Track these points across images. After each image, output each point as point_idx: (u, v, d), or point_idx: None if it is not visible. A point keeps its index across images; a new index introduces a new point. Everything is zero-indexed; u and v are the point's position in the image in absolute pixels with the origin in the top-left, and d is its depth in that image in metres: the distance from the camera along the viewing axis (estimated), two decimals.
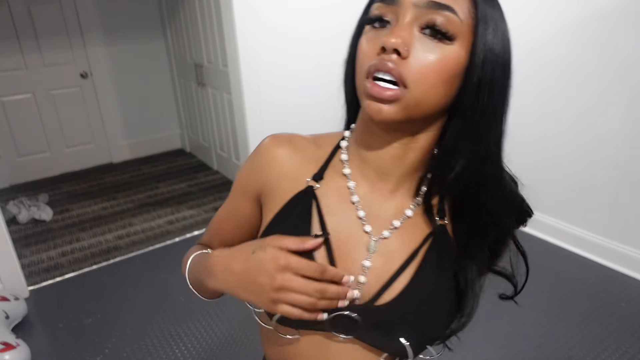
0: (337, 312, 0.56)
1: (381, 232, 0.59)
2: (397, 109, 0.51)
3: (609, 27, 2.19)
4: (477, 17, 0.51)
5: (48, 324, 2.23)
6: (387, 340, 0.58)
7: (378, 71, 0.50)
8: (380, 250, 0.59)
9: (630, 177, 2.28)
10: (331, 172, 0.62)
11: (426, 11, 0.50)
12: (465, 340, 2.14)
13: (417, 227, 0.60)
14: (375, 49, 0.51)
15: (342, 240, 0.59)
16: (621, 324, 2.05)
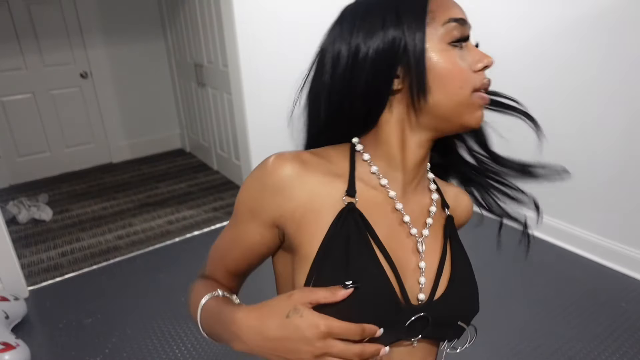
0: (413, 318, 0.58)
1: (421, 231, 0.63)
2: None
3: (609, 26, 2.19)
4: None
5: (48, 324, 2.23)
6: (449, 328, 0.62)
7: (488, 86, 0.59)
8: (426, 249, 0.63)
9: (630, 177, 2.28)
10: (361, 184, 0.61)
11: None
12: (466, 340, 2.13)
13: (436, 221, 0.65)
14: (468, 70, 0.57)
15: (395, 248, 0.60)
16: (621, 324, 2.05)
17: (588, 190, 2.47)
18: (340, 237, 0.56)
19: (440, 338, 0.64)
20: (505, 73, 2.70)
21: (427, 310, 0.59)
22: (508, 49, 2.65)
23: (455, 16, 0.56)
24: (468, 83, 0.56)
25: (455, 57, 0.56)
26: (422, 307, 0.59)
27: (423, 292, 0.60)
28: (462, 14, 0.58)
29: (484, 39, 2.97)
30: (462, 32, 0.57)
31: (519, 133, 2.83)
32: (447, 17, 0.56)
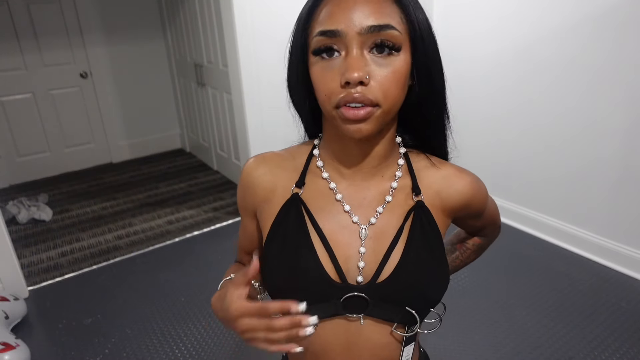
0: (347, 295, 0.63)
1: (368, 219, 0.66)
2: (373, 124, 0.58)
3: (609, 26, 2.19)
4: (409, 22, 0.58)
5: (48, 324, 2.22)
6: (396, 311, 0.65)
7: (348, 103, 0.56)
8: (370, 235, 0.65)
9: (630, 177, 2.28)
10: (311, 177, 0.69)
11: (370, 35, 0.55)
12: (466, 340, 2.15)
13: (397, 208, 0.67)
14: (336, 82, 0.56)
15: (335, 233, 0.66)
16: (621, 324, 2.05)
17: (588, 191, 2.47)
18: (283, 223, 0.67)
19: (387, 319, 0.66)
20: (505, 73, 2.71)
21: (365, 291, 0.63)
22: (510, 50, 2.65)
23: (325, 28, 0.56)
24: (331, 98, 0.57)
25: (320, 69, 0.58)
26: (359, 288, 0.63)
27: (362, 275, 0.64)
28: (336, 24, 0.56)
29: (486, 39, 2.97)
30: (327, 42, 0.57)
31: (520, 133, 2.81)
32: (317, 30, 0.57)
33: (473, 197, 0.71)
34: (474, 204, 0.72)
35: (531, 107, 2.62)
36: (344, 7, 0.56)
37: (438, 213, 0.68)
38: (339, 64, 0.57)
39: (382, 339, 0.67)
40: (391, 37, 0.56)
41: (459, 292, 2.30)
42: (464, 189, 0.69)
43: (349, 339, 0.66)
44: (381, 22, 0.55)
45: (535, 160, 2.68)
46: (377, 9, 0.56)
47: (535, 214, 2.76)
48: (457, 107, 2.87)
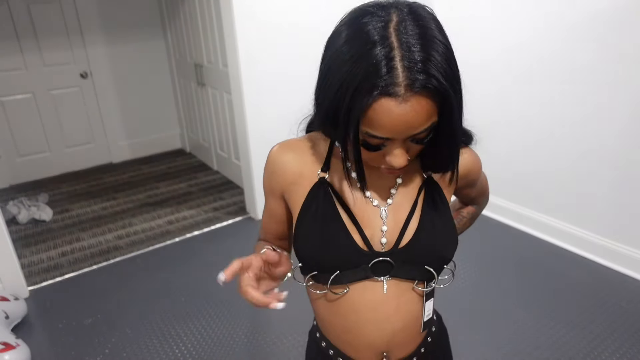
0: (375, 260, 0.73)
1: (386, 201, 0.76)
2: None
3: (609, 26, 2.19)
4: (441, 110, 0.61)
5: (48, 324, 2.23)
6: (416, 270, 0.75)
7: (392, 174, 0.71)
8: (389, 213, 0.75)
9: (631, 177, 2.28)
10: (335, 162, 0.77)
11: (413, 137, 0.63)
12: (466, 340, 2.14)
13: (409, 183, 0.77)
14: (378, 157, 0.66)
15: (360, 212, 0.75)
16: (621, 324, 2.05)
17: (589, 191, 2.47)
18: (314, 203, 0.75)
19: (410, 278, 0.76)
20: (505, 73, 2.71)
21: (389, 256, 0.73)
22: (510, 49, 2.65)
23: (375, 134, 0.61)
24: (373, 162, 0.68)
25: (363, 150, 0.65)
26: (384, 254, 0.74)
27: (386, 246, 0.74)
28: (388, 133, 0.60)
29: (487, 40, 2.97)
30: (376, 142, 0.64)
31: (521, 134, 2.81)
32: (367, 129, 0.61)
33: (472, 168, 0.82)
34: (472, 174, 0.83)
35: (531, 108, 2.62)
36: (395, 121, 0.59)
37: (443, 184, 0.78)
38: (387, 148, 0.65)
39: (405, 295, 0.77)
40: (426, 133, 0.63)
41: (459, 292, 2.30)
42: (465, 162, 0.79)
43: (376, 298, 0.75)
44: (427, 124, 0.61)
45: (535, 160, 2.68)
46: (423, 117, 0.60)
47: (535, 214, 2.76)
48: None
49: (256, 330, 2.12)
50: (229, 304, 2.29)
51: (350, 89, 0.59)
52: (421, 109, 0.59)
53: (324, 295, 0.78)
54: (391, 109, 0.58)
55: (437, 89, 0.58)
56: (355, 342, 0.78)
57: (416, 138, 0.63)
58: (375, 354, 0.78)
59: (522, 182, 2.80)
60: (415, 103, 0.58)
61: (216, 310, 2.26)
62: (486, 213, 3.03)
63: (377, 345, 0.77)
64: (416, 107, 0.58)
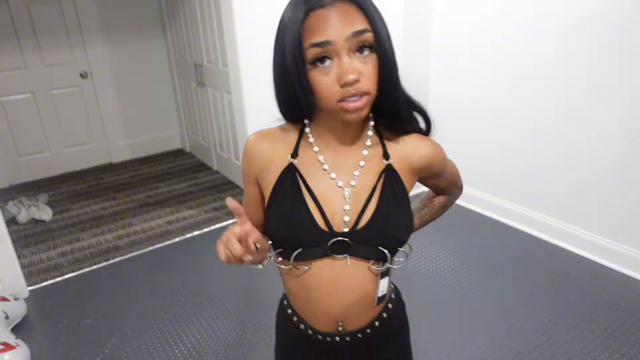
0: (333, 240, 0.80)
1: (349, 182, 0.82)
2: (366, 110, 0.73)
3: (608, 26, 2.19)
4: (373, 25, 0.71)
5: (48, 324, 2.22)
6: (371, 250, 0.82)
7: (350, 97, 0.71)
8: (352, 194, 0.82)
9: (630, 177, 2.28)
10: (303, 149, 0.84)
11: (354, 39, 0.69)
12: (466, 340, 2.14)
13: (371, 171, 0.83)
14: (334, 84, 0.70)
15: (324, 194, 0.81)
16: (621, 324, 2.05)
17: (588, 191, 2.47)
18: (282, 186, 0.82)
19: (365, 258, 0.83)
20: (504, 72, 2.71)
21: (347, 236, 0.80)
22: (510, 49, 2.65)
23: (315, 41, 0.69)
24: (330, 97, 0.72)
25: (317, 74, 0.71)
26: (343, 234, 0.80)
27: (347, 226, 0.81)
28: (325, 35, 0.68)
29: (488, 39, 2.96)
30: (321, 53, 0.69)
31: (521, 133, 2.80)
32: (308, 43, 0.69)
33: (433, 158, 0.87)
34: (435, 165, 0.88)
35: (531, 108, 2.62)
36: (328, 20, 0.68)
37: (405, 173, 0.85)
38: (334, 69, 0.70)
39: (362, 273, 0.84)
40: (368, 38, 0.70)
41: (459, 292, 2.30)
42: (425, 152, 0.85)
43: (335, 275, 0.83)
44: (360, 27, 0.69)
45: (535, 160, 2.68)
46: (353, 17, 0.69)
47: (535, 214, 2.76)
48: (457, 107, 2.87)
49: (256, 330, 2.12)
50: (228, 304, 2.29)
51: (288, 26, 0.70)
52: (349, 8, 0.69)
53: (289, 270, 0.86)
54: (322, 14, 0.68)
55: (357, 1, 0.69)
56: (315, 312, 0.87)
57: (359, 44, 0.69)
58: (332, 322, 0.87)
59: (522, 182, 2.80)
60: (340, 5, 0.69)
61: (216, 310, 2.26)
62: (486, 213, 3.03)
63: (334, 315, 0.86)
64: (344, 7, 0.69)
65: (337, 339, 0.88)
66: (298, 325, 0.91)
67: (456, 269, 2.49)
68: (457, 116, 3.06)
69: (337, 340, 0.88)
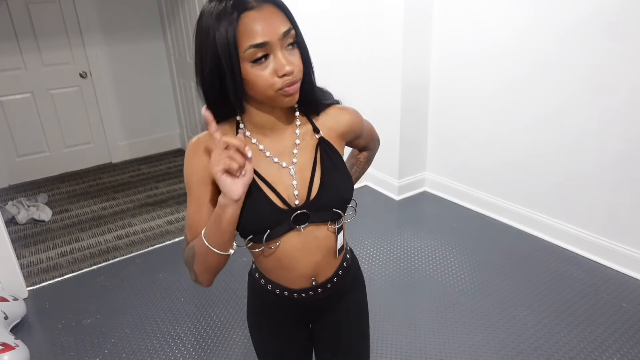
0: (294, 215, 0.90)
1: (292, 161, 0.92)
2: (298, 93, 0.84)
3: (607, 26, 2.19)
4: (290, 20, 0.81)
5: (47, 325, 2.22)
6: (327, 214, 0.94)
7: (288, 86, 0.81)
8: (297, 171, 0.92)
9: (630, 177, 2.28)
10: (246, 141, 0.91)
11: (284, 38, 0.79)
12: (466, 340, 2.14)
13: (308, 147, 0.94)
14: (272, 76, 0.79)
15: (275, 178, 0.90)
16: (622, 324, 2.04)
17: (589, 190, 2.47)
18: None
19: (323, 221, 0.95)
20: (504, 73, 2.71)
21: (305, 208, 0.91)
22: (513, 50, 2.65)
23: (254, 42, 0.77)
24: (270, 87, 0.80)
25: (257, 70, 0.79)
26: (300, 207, 0.91)
27: (298, 199, 0.92)
28: (263, 37, 0.76)
29: (490, 39, 2.95)
30: (260, 52, 0.78)
31: (521, 133, 2.78)
32: (247, 44, 0.77)
33: (353, 122, 1.01)
34: (356, 127, 1.03)
35: (531, 107, 2.62)
36: (261, 22, 0.77)
37: (335, 141, 0.97)
38: (271, 63, 0.79)
39: (322, 234, 0.96)
40: (293, 35, 0.81)
41: (459, 292, 2.30)
42: (345, 119, 0.99)
43: (302, 241, 0.95)
44: (286, 27, 0.79)
45: (535, 160, 2.68)
46: (280, 19, 0.79)
47: (535, 214, 2.76)
48: (458, 108, 2.86)
49: None
50: (228, 304, 2.29)
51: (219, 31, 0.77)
52: (275, 11, 0.79)
53: (262, 252, 0.95)
54: (253, 16, 0.77)
55: (277, 3, 0.80)
56: (289, 276, 0.98)
57: (287, 41, 0.80)
58: (306, 280, 1.00)
59: (522, 182, 2.80)
60: (267, 8, 0.78)
61: (215, 310, 2.26)
62: (486, 213, 3.03)
63: (306, 274, 0.99)
64: (270, 9, 0.78)
65: (311, 292, 1.01)
66: (273, 290, 1.02)
67: (456, 269, 2.49)
68: (457, 116, 3.06)
69: (311, 294, 1.01)
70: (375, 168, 3.42)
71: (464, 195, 3.16)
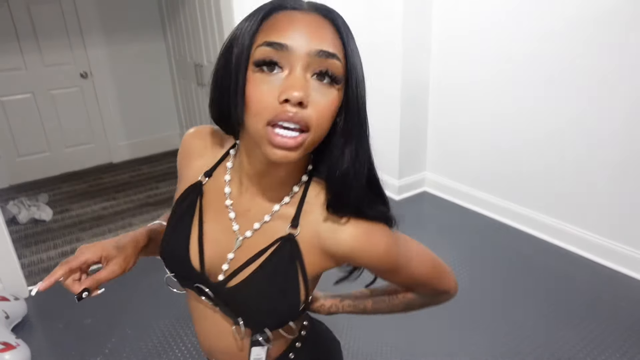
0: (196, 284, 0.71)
1: (245, 231, 0.68)
2: (300, 152, 0.57)
3: (609, 27, 2.19)
4: (347, 57, 0.57)
5: (48, 324, 2.22)
6: (232, 315, 0.71)
7: (283, 122, 0.54)
8: (242, 246, 0.68)
9: (630, 177, 2.28)
10: (219, 171, 0.73)
11: (317, 59, 0.55)
12: (466, 340, 2.14)
13: (272, 231, 0.67)
14: (272, 97, 0.54)
15: (214, 233, 0.70)
16: (621, 324, 2.05)
17: (589, 190, 2.47)
18: (184, 201, 0.74)
19: (229, 317, 0.71)
20: (505, 74, 2.71)
21: (213, 288, 0.69)
22: (513, 50, 2.65)
23: (270, 39, 0.55)
24: (262, 112, 0.55)
25: (257, 79, 0.56)
26: (210, 283, 0.70)
27: (223, 274, 0.69)
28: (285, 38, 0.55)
29: (490, 39, 2.96)
30: (272, 56, 0.55)
31: (520, 132, 2.79)
32: (263, 40, 0.56)
33: (356, 251, 0.65)
34: (362, 260, 0.67)
35: (532, 108, 2.62)
36: (296, 24, 0.55)
37: (314, 251, 0.66)
38: (280, 80, 0.55)
39: (227, 329, 0.73)
40: (336, 67, 0.56)
41: (459, 292, 2.30)
42: (343, 241, 0.64)
43: (205, 314, 0.75)
44: (331, 50, 0.55)
45: (535, 160, 2.68)
46: (329, 37, 0.56)
47: (535, 214, 2.76)
48: (457, 108, 2.87)
49: None
50: None
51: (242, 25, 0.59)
52: (325, 25, 0.57)
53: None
54: (291, 15, 0.56)
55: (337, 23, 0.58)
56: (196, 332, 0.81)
57: (320, 70, 0.55)
58: (206, 352, 0.81)
59: (522, 182, 2.80)
60: (318, 18, 0.57)
61: None
62: (487, 213, 3.03)
63: (206, 349, 0.80)
64: (319, 20, 0.57)
65: None
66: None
67: (456, 269, 2.49)
68: (457, 116, 3.07)
69: None
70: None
71: (464, 195, 3.17)
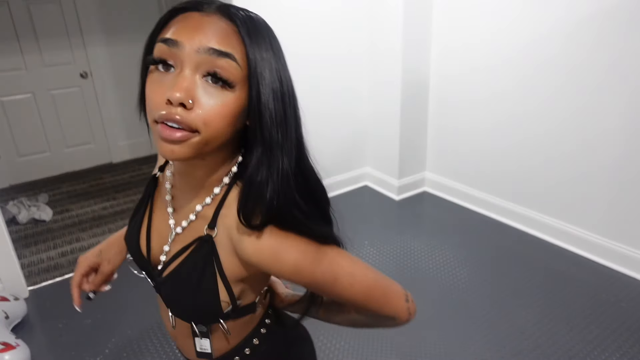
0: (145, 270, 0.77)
1: (178, 226, 0.71)
2: (187, 149, 0.57)
3: (608, 26, 2.19)
4: (249, 62, 0.56)
5: (48, 324, 2.22)
6: (167, 304, 0.74)
7: (167, 121, 0.55)
8: (175, 239, 0.71)
9: (630, 177, 2.28)
10: (169, 167, 0.76)
11: (208, 58, 0.54)
12: (466, 340, 2.14)
13: (195, 230, 0.68)
14: (162, 97, 0.55)
15: (159, 224, 0.74)
16: (621, 324, 2.05)
17: (588, 190, 2.47)
18: (144, 193, 0.79)
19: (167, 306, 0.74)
20: (506, 76, 2.71)
21: (153, 276, 0.74)
22: (513, 50, 2.65)
23: (165, 36, 0.56)
24: (153, 111, 0.57)
25: (152, 79, 0.58)
26: (154, 272, 0.73)
27: (162, 264, 0.72)
28: (177, 35, 0.55)
29: (490, 39, 2.96)
30: (168, 54, 0.56)
31: (520, 132, 2.79)
32: (161, 37, 0.57)
33: (263, 265, 0.63)
34: (274, 273, 0.65)
35: (532, 108, 2.62)
36: (190, 22, 0.56)
37: (229, 254, 0.65)
38: (170, 80, 0.56)
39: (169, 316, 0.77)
40: (227, 68, 0.55)
41: (459, 291, 2.30)
42: (249, 252, 0.62)
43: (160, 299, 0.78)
44: (223, 48, 0.55)
45: (535, 160, 2.68)
46: (223, 36, 0.55)
47: (535, 214, 2.76)
48: (457, 108, 2.87)
49: None
50: None
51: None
52: (223, 25, 0.56)
53: None
54: (191, 16, 0.57)
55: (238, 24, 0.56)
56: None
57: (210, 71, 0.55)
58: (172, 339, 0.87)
59: (522, 182, 2.80)
60: (217, 19, 0.56)
61: None
62: (486, 213, 3.03)
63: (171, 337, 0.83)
64: (216, 21, 0.56)
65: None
66: None
67: (456, 269, 2.49)
68: (457, 116, 3.06)
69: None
70: (375, 168, 3.42)
71: (464, 195, 3.16)
